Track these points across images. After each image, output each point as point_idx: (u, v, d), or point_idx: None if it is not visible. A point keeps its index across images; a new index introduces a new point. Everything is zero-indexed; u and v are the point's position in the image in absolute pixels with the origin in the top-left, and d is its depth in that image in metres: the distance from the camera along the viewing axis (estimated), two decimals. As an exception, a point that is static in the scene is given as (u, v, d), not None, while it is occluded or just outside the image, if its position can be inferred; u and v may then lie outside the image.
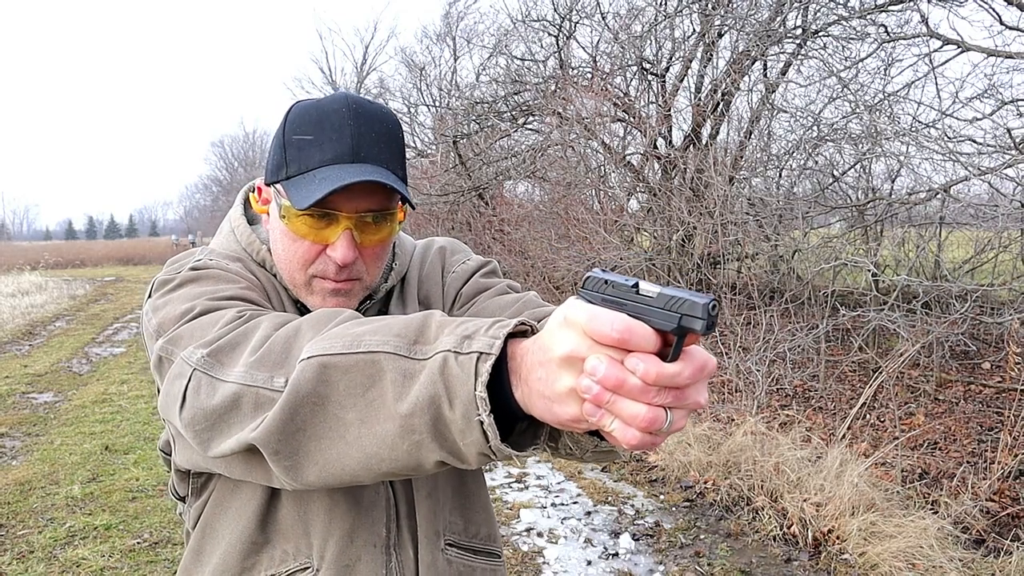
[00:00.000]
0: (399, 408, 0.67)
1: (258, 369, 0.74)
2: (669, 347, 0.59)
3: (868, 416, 5.24)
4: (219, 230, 1.09)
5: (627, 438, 0.59)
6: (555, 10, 10.17)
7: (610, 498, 4.51)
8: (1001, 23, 5.36)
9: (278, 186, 0.96)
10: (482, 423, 0.63)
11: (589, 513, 4.30)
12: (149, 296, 0.96)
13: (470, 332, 0.67)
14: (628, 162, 9.06)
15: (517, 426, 0.69)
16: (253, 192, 1.06)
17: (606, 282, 0.63)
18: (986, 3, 5.34)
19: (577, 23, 10.27)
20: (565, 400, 0.60)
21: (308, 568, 0.94)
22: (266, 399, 0.73)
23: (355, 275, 0.98)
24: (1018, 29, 5.36)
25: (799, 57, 7.70)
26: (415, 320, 0.72)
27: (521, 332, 0.67)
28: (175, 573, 3.50)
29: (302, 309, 1.02)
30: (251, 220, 1.09)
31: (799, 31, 7.33)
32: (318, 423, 0.70)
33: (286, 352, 0.75)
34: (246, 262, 1.03)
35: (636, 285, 0.61)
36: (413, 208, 1.03)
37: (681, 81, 9.15)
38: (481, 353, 0.64)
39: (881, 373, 4.78)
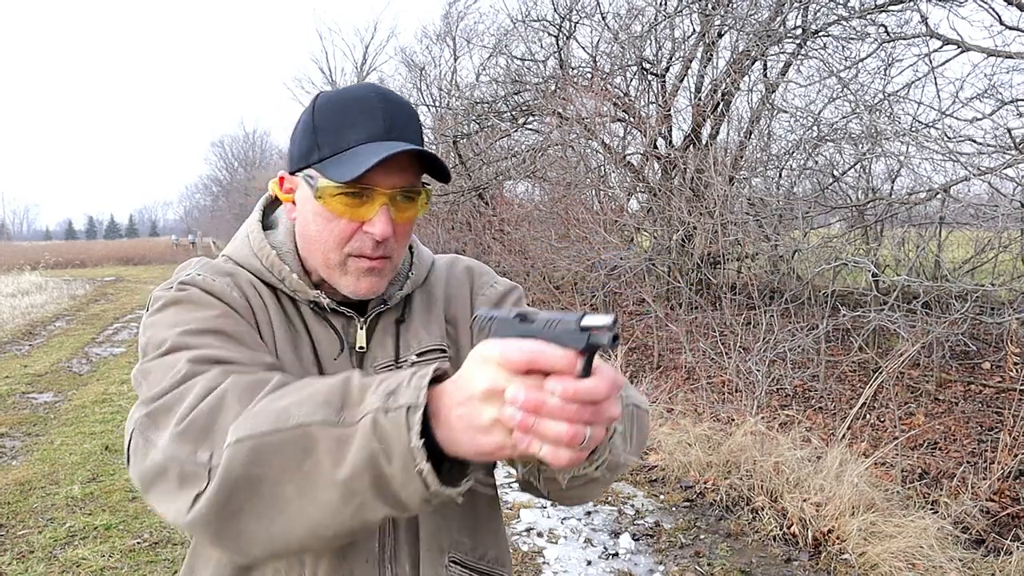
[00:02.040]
0: (338, 475, 0.69)
1: (181, 442, 0.75)
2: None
3: (868, 416, 5.24)
4: (236, 235, 1.11)
5: (559, 458, 0.64)
6: (555, 10, 10.18)
7: (610, 498, 4.51)
8: (1001, 23, 5.36)
9: (309, 170, 0.98)
10: (421, 472, 0.67)
11: (589, 513, 4.30)
12: (147, 309, 0.99)
13: (393, 388, 0.70)
14: (628, 162, 9.06)
15: (444, 466, 0.71)
16: (274, 184, 1.08)
17: (519, 318, 0.70)
18: (986, 3, 5.35)
19: (577, 23, 10.28)
20: (490, 431, 0.66)
21: None
22: (190, 474, 0.74)
23: (388, 252, 1.00)
24: (1018, 29, 5.36)
25: (799, 57, 7.70)
26: (336, 385, 0.74)
27: (437, 377, 0.71)
28: (175, 573, 3.50)
29: (304, 316, 1.03)
30: (267, 226, 1.11)
31: (799, 31, 7.33)
32: (256, 503, 0.72)
33: (209, 426, 0.76)
34: (238, 275, 1.03)
35: (525, 316, 0.70)
36: (446, 181, 1.03)
37: (681, 81, 9.16)
38: (409, 406, 0.68)
39: (881, 373, 4.78)
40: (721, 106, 8.62)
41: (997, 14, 5.34)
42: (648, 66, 9.06)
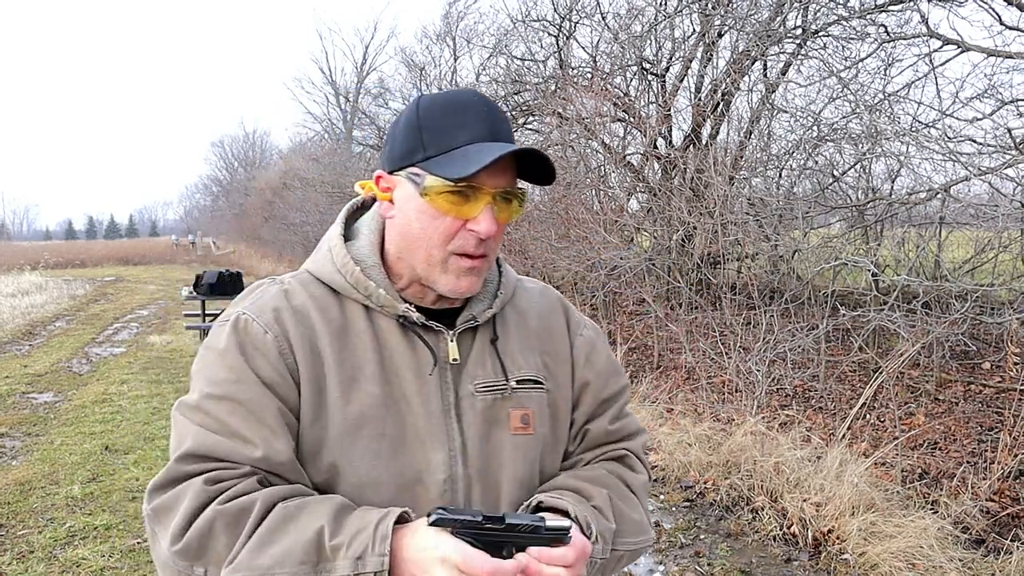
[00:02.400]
0: None
1: (180, 558, 0.88)
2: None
3: (868, 416, 5.24)
4: (318, 247, 1.12)
5: None
6: (555, 10, 10.18)
7: (610, 498, 4.50)
8: (1001, 23, 5.36)
9: (414, 168, 1.00)
10: None
11: (589, 513, 4.29)
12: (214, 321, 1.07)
13: (360, 552, 0.85)
14: (628, 162, 9.06)
15: None
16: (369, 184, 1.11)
17: (482, 518, 0.85)
18: (986, 3, 5.35)
19: (577, 23, 10.28)
20: None
21: None
22: None
23: (487, 251, 1.02)
24: (1018, 29, 5.36)
25: (799, 57, 7.70)
26: (311, 540, 0.87)
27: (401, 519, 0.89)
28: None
29: (391, 330, 1.04)
30: (349, 236, 1.12)
31: (799, 31, 7.33)
32: None
33: (202, 551, 0.88)
34: (296, 298, 1.05)
35: (493, 518, 0.86)
36: (549, 182, 1.09)
37: (681, 81, 9.16)
38: (376, 572, 0.84)
39: (881, 373, 4.78)
40: (721, 106, 8.62)
41: (997, 14, 5.34)
42: (648, 66, 9.06)
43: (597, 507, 1.05)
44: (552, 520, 0.89)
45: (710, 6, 8.10)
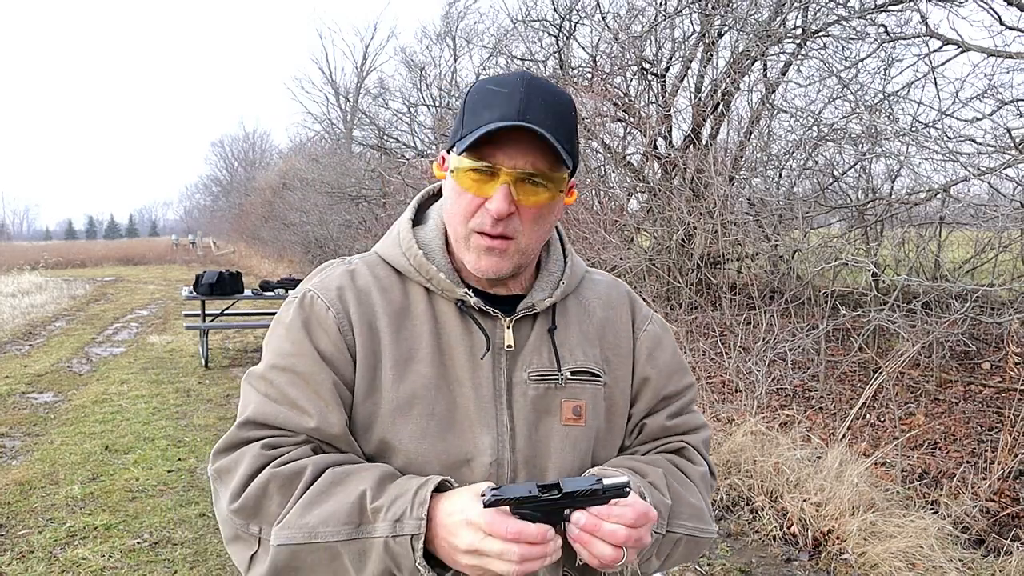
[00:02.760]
0: (362, 575, 0.92)
1: (237, 515, 0.95)
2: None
3: (868, 416, 5.24)
4: (389, 231, 1.16)
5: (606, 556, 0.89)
6: (555, 10, 10.17)
7: (610, 498, 4.50)
8: (1001, 23, 5.36)
9: (454, 148, 1.03)
10: None
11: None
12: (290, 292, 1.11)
13: (399, 515, 0.89)
14: (628, 162, 9.06)
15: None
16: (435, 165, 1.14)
17: (538, 490, 0.86)
18: (986, 3, 5.34)
19: (577, 23, 10.27)
20: (466, 567, 0.87)
21: None
22: (245, 536, 0.95)
23: (509, 233, 1.02)
24: (1018, 29, 5.36)
25: (799, 57, 7.70)
26: (354, 503, 0.91)
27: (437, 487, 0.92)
28: (175, 573, 3.50)
29: (450, 313, 1.07)
30: (420, 221, 1.17)
31: (799, 31, 7.33)
32: None
33: (257, 509, 0.94)
34: (360, 278, 1.10)
35: (548, 487, 0.87)
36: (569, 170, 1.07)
37: (681, 81, 9.15)
38: (413, 535, 0.88)
39: (881, 373, 4.78)
40: (721, 106, 8.62)
41: (997, 14, 5.34)
42: (648, 66, 9.06)
43: (652, 483, 1.05)
44: (610, 480, 0.87)
45: (710, 6, 8.10)
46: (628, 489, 0.86)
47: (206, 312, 9.00)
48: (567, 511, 0.88)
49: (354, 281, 1.09)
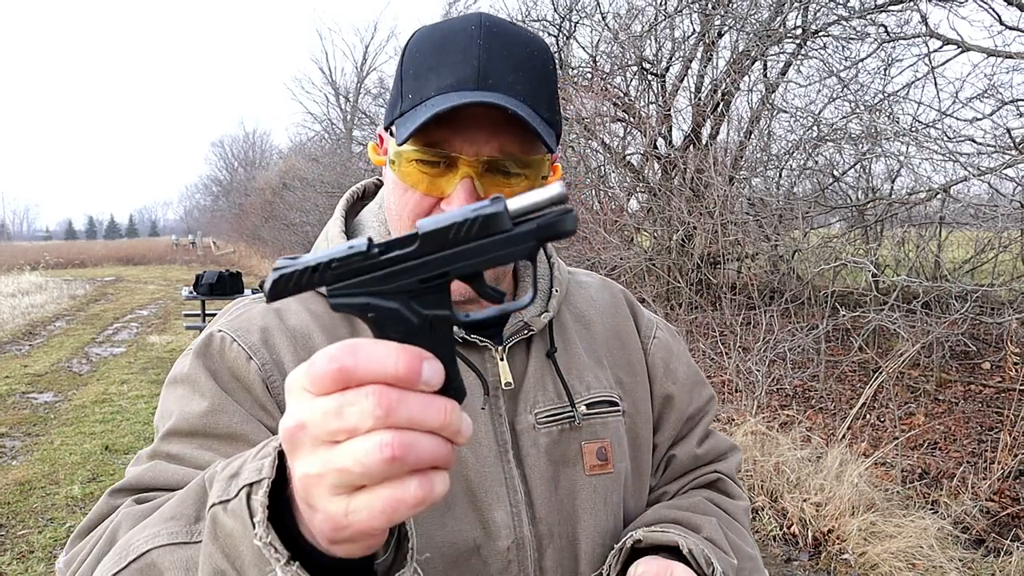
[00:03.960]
0: None
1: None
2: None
3: (868, 416, 5.24)
4: (314, 247, 0.87)
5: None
6: (555, 10, 10.17)
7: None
8: (1001, 23, 5.36)
9: (392, 127, 0.78)
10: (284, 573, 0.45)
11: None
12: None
13: (237, 468, 0.51)
14: (628, 162, 9.06)
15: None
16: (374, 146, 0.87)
17: (370, 249, 0.42)
18: (986, 3, 5.35)
19: (577, 23, 10.27)
20: (319, 500, 0.42)
21: None
22: None
23: None
24: (1018, 29, 5.36)
25: (799, 57, 7.70)
26: (192, 491, 0.59)
27: None
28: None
29: None
30: (351, 231, 0.90)
31: (799, 31, 7.33)
32: None
33: (97, 561, 0.64)
34: (288, 317, 0.81)
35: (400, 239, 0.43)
36: (549, 150, 0.78)
37: (681, 81, 9.16)
38: (250, 485, 0.48)
39: (881, 373, 4.78)
40: (721, 106, 8.62)
41: (997, 14, 5.35)
42: (648, 66, 9.06)
43: (710, 538, 0.84)
44: (519, 200, 0.43)
45: (710, 6, 8.10)
46: (559, 192, 0.42)
47: (206, 312, 9.00)
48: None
49: (283, 321, 0.80)
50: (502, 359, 0.82)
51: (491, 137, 0.74)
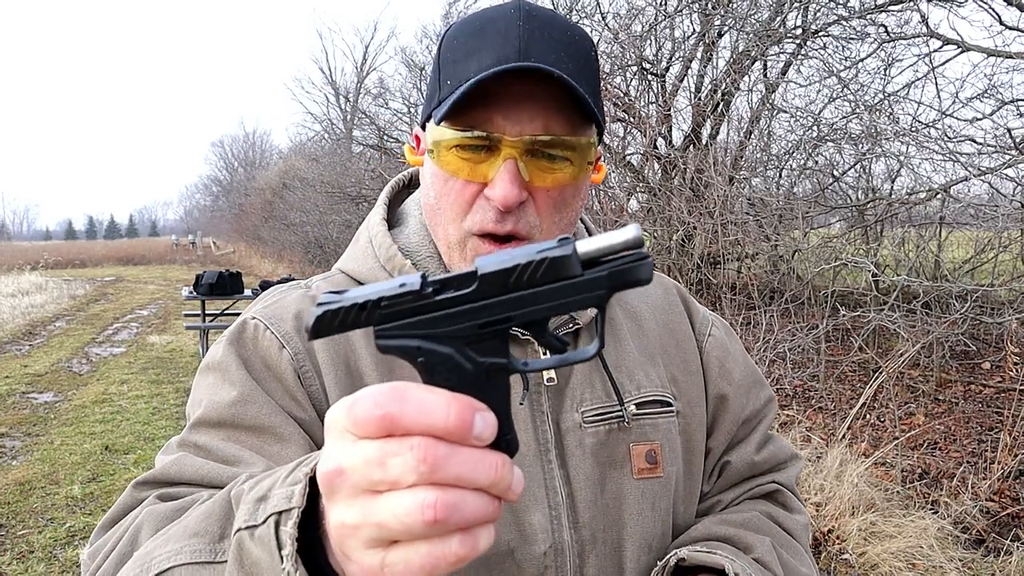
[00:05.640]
0: None
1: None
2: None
3: (868, 416, 5.24)
4: (355, 239, 0.87)
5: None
6: (555, 10, 10.17)
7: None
8: (1001, 23, 5.36)
9: (432, 120, 0.74)
10: None
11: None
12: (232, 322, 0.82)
13: (265, 491, 0.50)
14: (628, 162, 9.06)
15: None
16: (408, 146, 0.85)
17: (423, 287, 0.39)
18: (986, 3, 5.35)
19: (577, 23, 10.27)
20: (356, 550, 0.41)
21: None
22: None
23: (521, 230, 0.72)
24: (1018, 29, 5.36)
25: (799, 57, 7.70)
26: (217, 505, 0.56)
27: None
28: None
29: None
30: (395, 222, 0.88)
31: (799, 31, 7.33)
32: None
33: (118, 562, 0.63)
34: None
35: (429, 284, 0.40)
36: (598, 129, 0.75)
37: (681, 81, 9.16)
38: (279, 513, 0.47)
39: (881, 373, 4.78)
40: (721, 106, 8.63)
41: (997, 14, 5.35)
42: (648, 66, 9.06)
43: (760, 561, 0.78)
44: (588, 242, 0.41)
45: (710, 6, 8.10)
46: (634, 236, 0.40)
47: (206, 312, 9.00)
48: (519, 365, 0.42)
49: (302, 314, 0.79)
50: (545, 353, 0.78)
51: (535, 115, 0.70)
